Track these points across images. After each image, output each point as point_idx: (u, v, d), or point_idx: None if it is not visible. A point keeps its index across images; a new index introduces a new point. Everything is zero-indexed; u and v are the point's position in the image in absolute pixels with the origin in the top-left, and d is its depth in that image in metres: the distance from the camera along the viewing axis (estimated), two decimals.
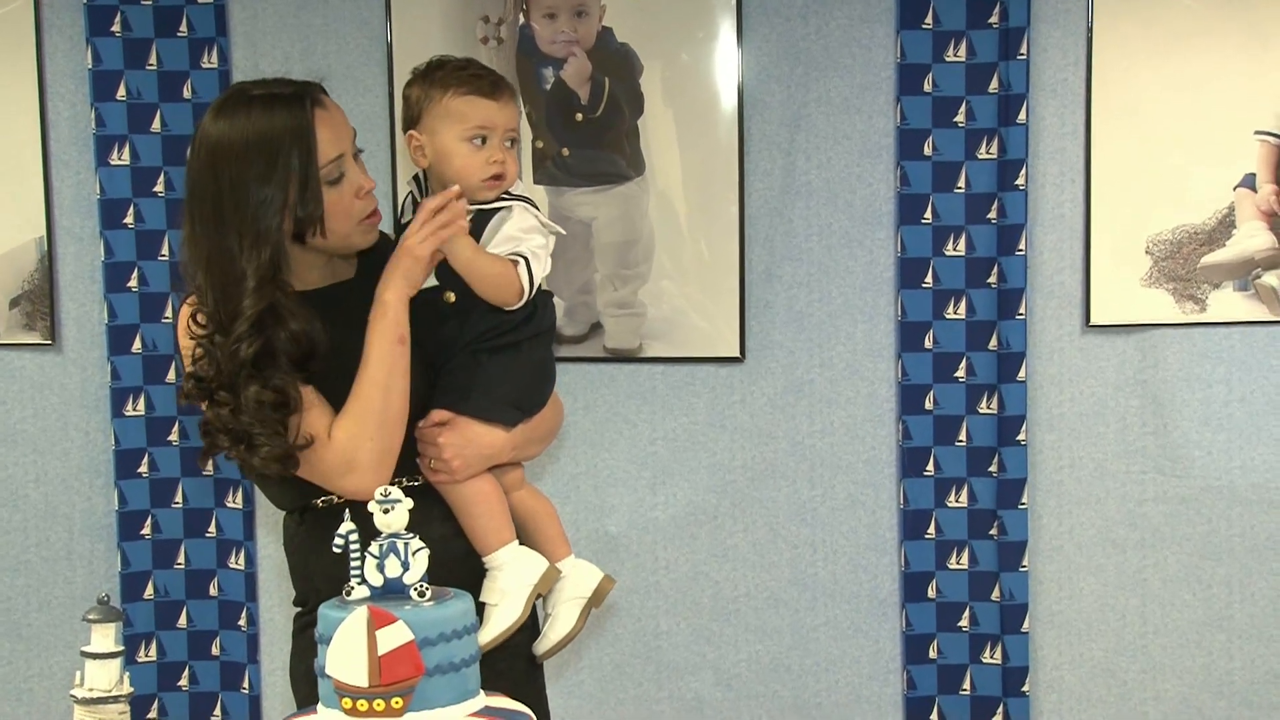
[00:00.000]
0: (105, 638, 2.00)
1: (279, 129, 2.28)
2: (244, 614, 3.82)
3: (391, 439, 2.35)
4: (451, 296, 2.42)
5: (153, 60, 3.68)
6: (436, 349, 2.43)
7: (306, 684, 2.50)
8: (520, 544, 2.49)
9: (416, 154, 2.47)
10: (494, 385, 2.42)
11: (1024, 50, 3.58)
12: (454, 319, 2.43)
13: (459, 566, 2.41)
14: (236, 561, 3.82)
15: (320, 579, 2.43)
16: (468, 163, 2.43)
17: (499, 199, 2.44)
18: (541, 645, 2.54)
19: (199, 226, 2.31)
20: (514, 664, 2.45)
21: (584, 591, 2.54)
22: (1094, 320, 3.67)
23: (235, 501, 3.80)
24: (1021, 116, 3.60)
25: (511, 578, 2.43)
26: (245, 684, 3.83)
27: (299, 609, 2.58)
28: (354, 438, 2.32)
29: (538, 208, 2.48)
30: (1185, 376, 3.69)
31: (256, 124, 2.28)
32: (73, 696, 1.99)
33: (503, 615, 2.41)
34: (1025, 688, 3.72)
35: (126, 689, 2.00)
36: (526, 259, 2.39)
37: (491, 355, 2.43)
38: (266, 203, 2.27)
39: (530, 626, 2.54)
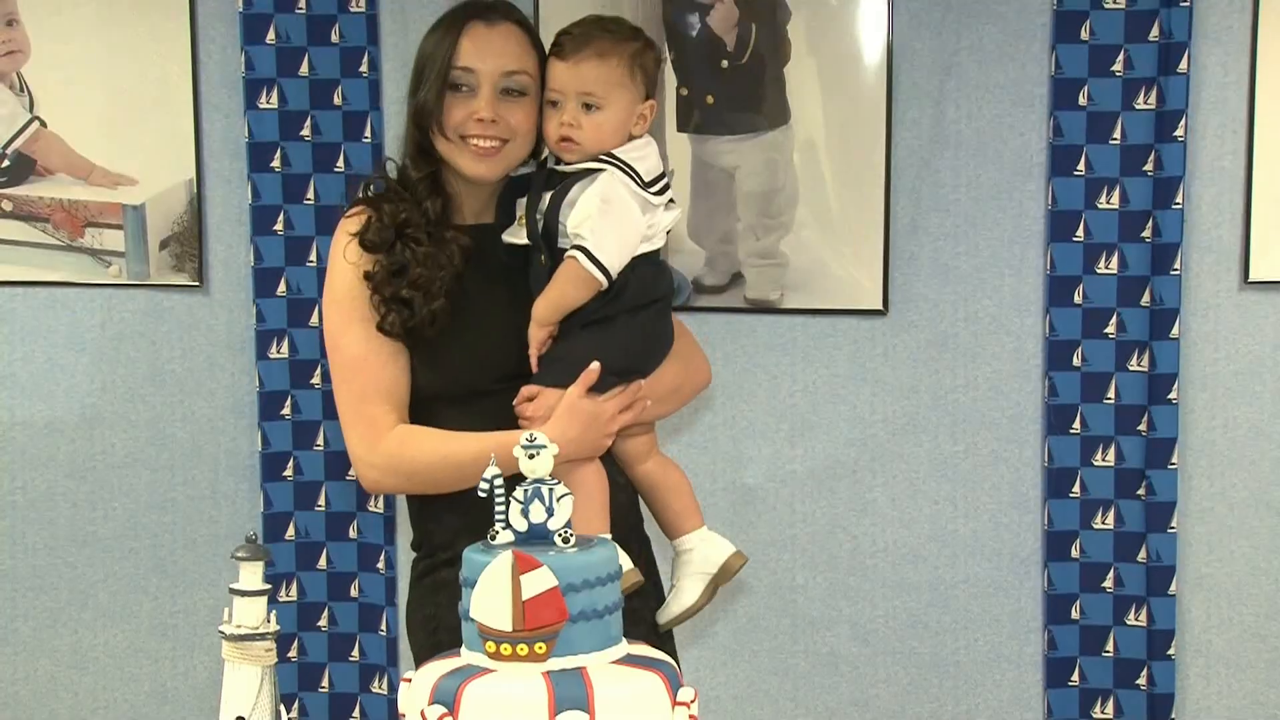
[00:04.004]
0: (253, 575, 2.02)
1: (443, 26, 2.45)
2: (382, 557, 3.86)
3: (413, 489, 2.49)
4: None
5: (302, 3, 3.69)
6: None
7: (423, 632, 2.53)
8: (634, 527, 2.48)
9: None
10: (584, 356, 2.39)
11: None
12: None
13: None
14: (376, 505, 3.85)
15: (431, 522, 2.51)
16: (545, 126, 2.44)
17: (600, 160, 2.40)
18: (663, 615, 2.53)
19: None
20: (635, 629, 2.43)
21: (709, 567, 2.51)
22: (1253, 276, 3.57)
23: None
24: (1183, 66, 3.49)
25: None
26: (383, 626, 3.87)
27: (415, 553, 2.59)
28: (400, 466, 2.42)
29: (636, 174, 2.41)
30: None
31: (438, 21, 2.49)
32: (221, 632, 2.02)
33: None
34: (1171, 651, 3.65)
35: (273, 626, 2.02)
36: (584, 249, 2.36)
37: (584, 330, 2.41)
38: (415, 86, 2.47)
39: (654, 593, 2.55)
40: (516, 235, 2.46)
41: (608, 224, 2.36)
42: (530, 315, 2.41)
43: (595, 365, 2.37)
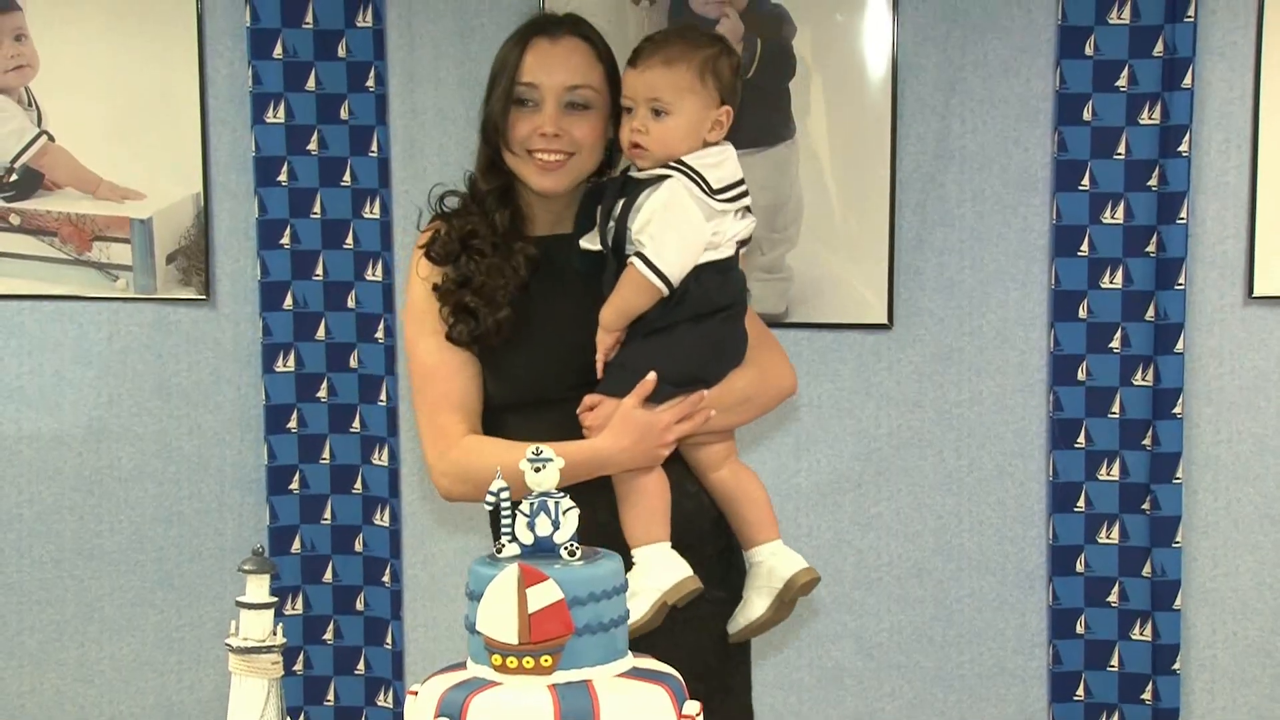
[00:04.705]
0: (259, 588, 2.02)
1: (510, 42, 2.49)
2: (388, 570, 3.86)
3: (482, 497, 2.43)
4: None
5: (309, 18, 3.71)
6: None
7: None
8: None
9: None
10: (644, 364, 2.40)
11: (1191, 12, 3.48)
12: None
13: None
14: (381, 518, 3.86)
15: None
16: (620, 132, 2.46)
17: (668, 167, 2.40)
18: (731, 626, 2.52)
19: None
20: (702, 637, 2.43)
21: (775, 581, 2.49)
22: (1257, 291, 3.58)
23: (381, 458, 3.84)
24: (1187, 81, 3.50)
25: (645, 578, 2.37)
26: (389, 639, 3.87)
27: None
28: (468, 471, 2.43)
29: (703, 180, 2.40)
30: None
31: (509, 37, 2.52)
32: (228, 645, 2.02)
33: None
34: (1176, 666, 3.65)
35: (280, 639, 2.02)
36: (643, 255, 2.37)
37: (646, 338, 2.42)
38: (486, 101, 2.51)
39: (732, 603, 2.52)
40: (593, 241, 2.47)
41: (667, 231, 2.37)
42: (597, 324, 2.43)
43: (652, 376, 2.37)
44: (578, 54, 2.47)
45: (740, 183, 2.46)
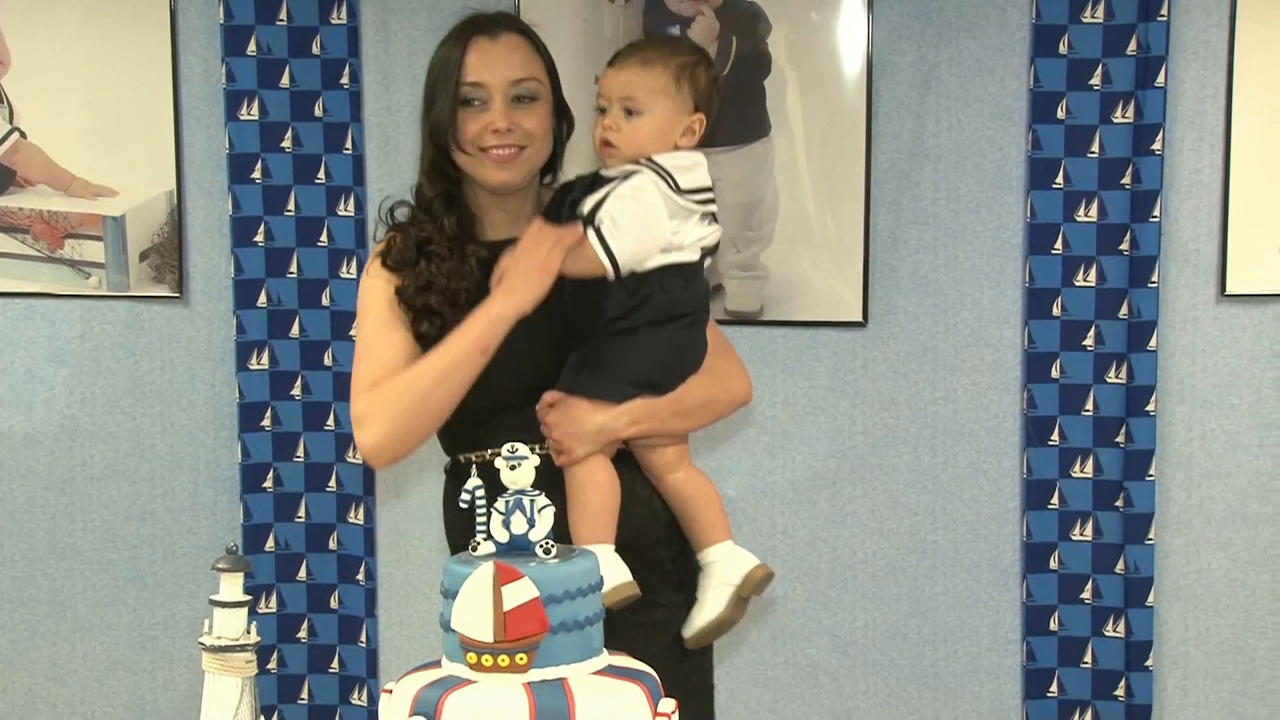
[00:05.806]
0: (233, 586, 2.02)
1: (448, 44, 2.49)
2: (362, 568, 3.86)
3: (413, 426, 2.42)
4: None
5: (283, 15, 3.70)
6: (570, 331, 2.46)
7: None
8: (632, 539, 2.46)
9: None
10: (606, 364, 2.41)
11: (1164, 11, 3.50)
12: (586, 304, 2.45)
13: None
14: (356, 516, 3.85)
15: (454, 532, 2.54)
16: (594, 132, 2.48)
17: (638, 163, 2.41)
18: (688, 629, 2.50)
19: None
20: (654, 645, 2.41)
21: (732, 579, 2.47)
22: (1230, 289, 3.59)
23: (355, 457, 3.83)
24: (1160, 79, 3.51)
25: None
26: (363, 637, 3.86)
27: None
28: (385, 401, 2.40)
29: (671, 178, 2.40)
30: None
31: (444, 40, 2.52)
32: (201, 644, 2.01)
33: None
34: (1149, 662, 3.66)
35: (254, 638, 2.02)
36: (597, 230, 2.37)
37: (612, 338, 2.42)
38: (428, 106, 2.51)
39: (682, 608, 2.51)
40: None
41: (627, 217, 2.37)
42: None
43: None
44: (519, 49, 2.49)
45: (708, 190, 2.46)
